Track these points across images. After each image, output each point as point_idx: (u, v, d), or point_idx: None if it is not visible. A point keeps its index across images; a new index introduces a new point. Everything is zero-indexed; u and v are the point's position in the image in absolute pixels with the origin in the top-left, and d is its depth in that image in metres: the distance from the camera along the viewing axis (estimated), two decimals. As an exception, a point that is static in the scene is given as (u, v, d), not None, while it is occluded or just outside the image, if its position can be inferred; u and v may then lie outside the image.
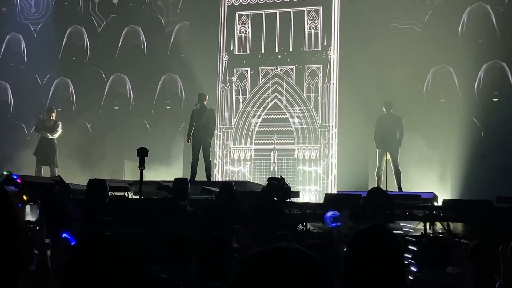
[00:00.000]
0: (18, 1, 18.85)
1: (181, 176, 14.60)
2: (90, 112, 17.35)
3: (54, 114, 14.63)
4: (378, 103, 13.17)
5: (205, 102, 13.11)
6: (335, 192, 14.32)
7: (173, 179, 10.18)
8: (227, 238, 4.96)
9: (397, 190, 12.33)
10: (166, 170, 14.60)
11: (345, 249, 2.64)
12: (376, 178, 12.69)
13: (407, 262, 4.54)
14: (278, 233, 5.90)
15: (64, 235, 4.06)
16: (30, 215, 3.55)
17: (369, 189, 9.78)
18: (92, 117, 17.36)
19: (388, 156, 12.56)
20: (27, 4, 18.83)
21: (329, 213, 7.83)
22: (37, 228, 3.46)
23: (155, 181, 11.78)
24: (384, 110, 12.80)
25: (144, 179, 9.89)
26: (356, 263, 2.56)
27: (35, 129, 14.70)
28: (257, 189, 12.18)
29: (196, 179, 12.65)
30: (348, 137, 14.79)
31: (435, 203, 11.73)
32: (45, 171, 14.26)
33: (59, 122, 14.56)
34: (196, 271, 4.62)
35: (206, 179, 12.66)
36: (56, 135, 14.43)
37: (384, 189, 12.25)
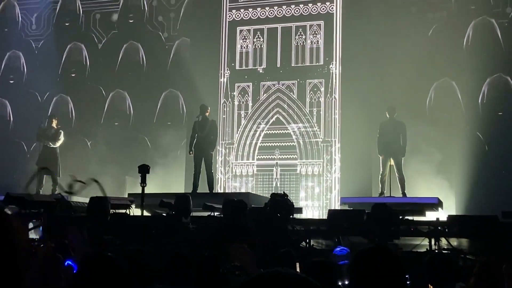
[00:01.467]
0: (20, 18, 18.96)
1: (183, 189, 14.69)
2: (90, 129, 17.39)
3: (55, 122, 14.62)
4: (381, 117, 13.18)
5: (207, 114, 13.18)
6: (339, 208, 14.31)
7: (174, 192, 10.19)
8: (226, 255, 4.96)
9: (401, 195, 12.37)
10: (167, 183, 14.59)
11: (348, 270, 2.65)
12: (380, 184, 12.70)
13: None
14: (281, 250, 5.90)
15: (68, 262, 4.06)
16: (33, 233, 3.57)
17: (373, 204, 9.80)
18: (92, 134, 17.39)
19: (392, 162, 12.58)
20: (28, 21, 18.94)
21: (338, 249, 7.84)
22: (42, 246, 3.46)
23: (157, 193, 11.82)
24: (387, 115, 12.82)
25: (146, 191, 9.91)
26: (358, 284, 2.57)
27: (36, 139, 14.73)
28: (260, 201, 12.20)
29: (198, 191, 12.68)
30: (351, 152, 14.79)
31: (440, 209, 11.77)
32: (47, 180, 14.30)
33: (60, 130, 14.57)
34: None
35: (208, 191, 12.69)
36: (58, 143, 14.45)
37: (388, 195, 12.34)
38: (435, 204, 11.75)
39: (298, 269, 5.56)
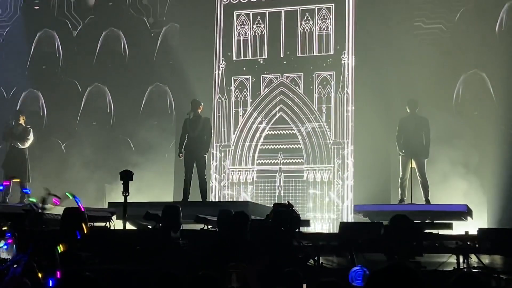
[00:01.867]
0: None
1: (172, 197, 14.72)
2: (64, 129, 17.41)
3: (23, 119, 14.73)
4: (400, 114, 13.17)
5: (200, 111, 13.17)
6: (352, 219, 14.34)
7: (162, 201, 10.21)
8: (223, 276, 4.99)
9: (424, 203, 12.40)
10: (154, 191, 14.62)
11: None
12: (399, 190, 12.72)
13: None
14: (286, 270, 5.93)
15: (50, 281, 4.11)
16: (5, 252, 3.63)
17: (392, 216, 9.81)
18: (66, 135, 17.42)
19: (413, 164, 12.58)
20: (-9, 5, 18.99)
21: (356, 268, 7.86)
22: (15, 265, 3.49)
23: (142, 202, 11.85)
24: (408, 110, 12.81)
25: (129, 200, 9.95)
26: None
27: (2, 138, 14.79)
28: (261, 212, 12.23)
29: (189, 200, 12.72)
30: (366, 155, 14.80)
31: (470, 218, 11.79)
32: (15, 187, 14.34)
33: (29, 129, 14.68)
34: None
35: (201, 200, 12.72)
36: (27, 143, 14.56)
37: (409, 202, 12.36)
38: (464, 212, 11.77)
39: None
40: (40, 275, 3.65)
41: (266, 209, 12.98)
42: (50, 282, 4.00)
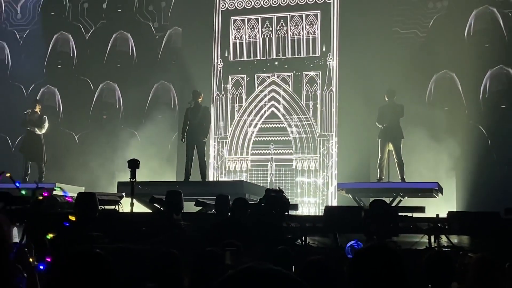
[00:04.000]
0: (3, 7, 18.89)
1: (175, 177, 14.73)
2: (78, 122, 17.37)
3: (38, 108, 14.70)
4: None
5: (200, 100, 13.19)
6: (336, 204, 14.36)
7: (166, 181, 10.18)
8: (222, 254, 4.97)
9: (400, 181, 12.43)
10: (158, 174, 14.59)
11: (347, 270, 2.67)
12: (378, 170, 12.75)
13: None
14: (278, 248, 5.91)
15: (40, 266, 4.07)
16: (17, 237, 3.59)
17: (371, 201, 9.83)
18: (79, 127, 17.38)
19: (391, 147, 12.61)
20: (12, 10, 18.86)
21: (353, 242, 7.87)
22: (26, 250, 3.46)
23: (148, 182, 11.90)
24: (386, 98, 12.84)
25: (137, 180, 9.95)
26: (359, 284, 2.59)
27: (22, 124, 14.76)
28: (255, 190, 12.27)
29: (190, 179, 12.77)
30: (349, 146, 14.81)
31: (440, 195, 11.84)
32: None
33: (45, 116, 14.67)
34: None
35: (201, 180, 12.75)
36: (43, 130, 14.53)
37: (387, 181, 12.41)
38: (435, 189, 11.83)
39: (292, 269, 5.58)
40: (31, 260, 3.62)
41: (259, 188, 13.06)
42: (41, 266, 3.97)
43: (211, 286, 1.60)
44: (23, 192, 8.25)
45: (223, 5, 16.80)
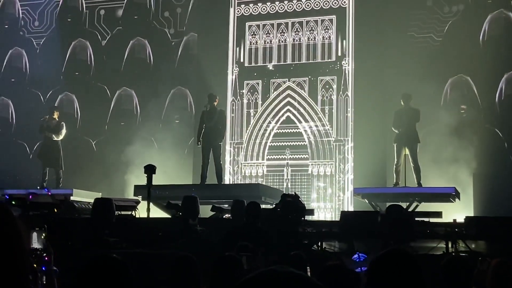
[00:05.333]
0: (21, 15, 19.04)
1: (191, 180, 14.76)
2: (95, 129, 17.45)
3: (56, 114, 14.76)
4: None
5: (215, 103, 13.18)
6: (352, 209, 14.31)
7: (182, 184, 10.19)
8: (239, 258, 4.97)
9: (416, 186, 12.37)
10: (175, 178, 14.63)
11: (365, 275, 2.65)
12: (394, 175, 12.69)
13: None
14: (292, 253, 5.91)
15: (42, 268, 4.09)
16: (36, 242, 3.60)
17: (387, 206, 9.78)
18: (97, 134, 17.46)
19: (407, 151, 12.55)
20: (30, 17, 19.02)
21: (356, 256, 7.84)
22: (45, 255, 3.48)
23: (164, 185, 11.91)
24: (402, 103, 12.77)
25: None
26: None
27: (39, 130, 14.83)
28: (271, 193, 12.27)
29: (206, 182, 12.83)
30: (365, 151, 14.76)
31: (457, 199, 11.76)
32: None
33: (62, 123, 14.71)
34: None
35: (217, 183, 12.81)
36: (61, 136, 14.58)
37: (403, 185, 12.35)
38: (452, 194, 11.75)
39: (309, 274, 5.56)
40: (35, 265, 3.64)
41: (274, 191, 13.04)
42: (42, 268, 3.99)
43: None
44: (13, 202, 8.28)
45: (238, 11, 16.83)
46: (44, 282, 3.55)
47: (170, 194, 11.33)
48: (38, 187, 13.99)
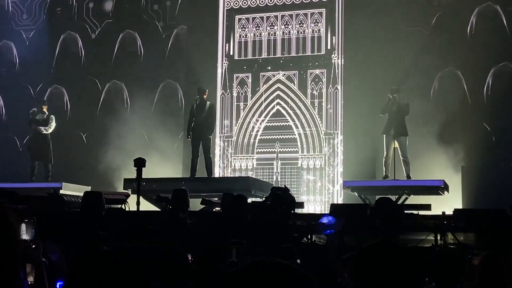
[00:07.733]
0: (10, 8, 18.91)
1: (181, 173, 14.74)
2: (85, 122, 17.38)
3: (45, 107, 14.70)
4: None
5: (205, 97, 13.18)
6: (341, 202, 14.33)
7: (172, 177, 10.18)
8: (226, 251, 4.97)
9: (405, 179, 12.39)
10: (165, 169, 14.60)
11: (353, 266, 2.65)
12: (383, 168, 12.72)
13: None
14: (282, 246, 5.91)
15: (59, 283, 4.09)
16: (25, 233, 3.58)
17: (377, 199, 9.80)
18: (87, 127, 17.39)
19: (396, 144, 12.57)
20: (18, 10, 18.89)
21: (324, 220, 7.82)
22: (34, 246, 3.47)
23: (153, 178, 11.89)
24: (390, 96, 12.79)
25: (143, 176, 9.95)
26: (364, 282, 2.57)
27: (28, 124, 14.76)
28: (260, 186, 12.28)
29: (196, 175, 12.83)
30: (354, 145, 14.79)
31: (446, 192, 11.80)
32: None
33: (52, 116, 14.65)
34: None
35: (207, 176, 12.81)
36: (50, 130, 14.53)
37: (393, 178, 12.38)
38: (441, 187, 11.79)
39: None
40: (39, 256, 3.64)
41: (264, 184, 13.05)
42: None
43: (217, 282, 1.61)
44: None
45: (228, 4, 16.78)
46: (33, 274, 3.54)
47: (160, 188, 11.32)
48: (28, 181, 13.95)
